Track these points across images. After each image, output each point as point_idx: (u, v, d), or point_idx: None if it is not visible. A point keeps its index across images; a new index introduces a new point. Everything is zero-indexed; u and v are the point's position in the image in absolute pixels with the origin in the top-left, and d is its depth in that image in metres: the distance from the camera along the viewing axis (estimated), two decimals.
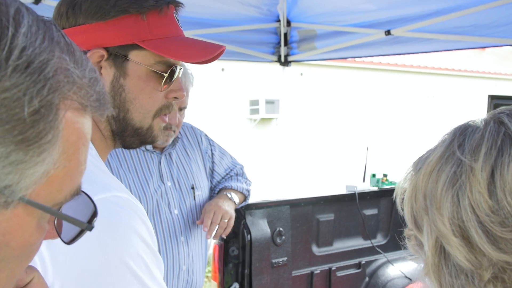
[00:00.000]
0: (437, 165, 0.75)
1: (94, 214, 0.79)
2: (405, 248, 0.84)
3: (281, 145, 10.50)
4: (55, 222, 0.76)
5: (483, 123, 0.77)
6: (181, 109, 2.65)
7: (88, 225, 0.76)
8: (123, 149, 2.60)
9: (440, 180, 0.73)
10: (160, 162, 2.67)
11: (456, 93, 13.03)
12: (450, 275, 0.72)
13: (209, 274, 4.25)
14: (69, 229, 0.78)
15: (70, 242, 0.78)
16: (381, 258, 3.59)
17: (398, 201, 0.82)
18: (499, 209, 0.68)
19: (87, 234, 1.07)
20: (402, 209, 0.83)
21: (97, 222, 1.13)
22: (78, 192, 0.73)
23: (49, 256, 1.08)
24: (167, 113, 1.39)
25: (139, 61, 1.30)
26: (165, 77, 1.33)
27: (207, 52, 1.39)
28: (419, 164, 0.79)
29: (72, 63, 0.65)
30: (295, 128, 10.68)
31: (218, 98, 9.62)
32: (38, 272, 0.80)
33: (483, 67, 14.45)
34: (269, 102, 10.39)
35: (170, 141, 2.67)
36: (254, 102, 10.41)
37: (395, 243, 3.73)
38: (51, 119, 0.60)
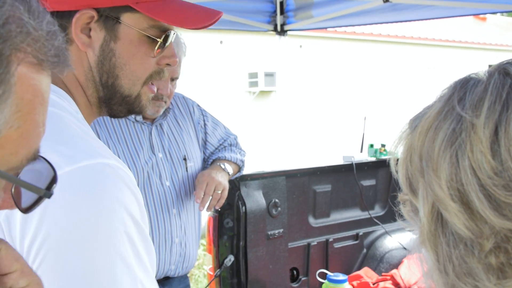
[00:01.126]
0: (434, 122, 0.67)
1: (54, 180, 0.73)
2: (400, 216, 0.76)
3: (279, 118, 10.43)
4: (12, 190, 0.70)
5: (486, 75, 0.68)
6: (173, 79, 2.58)
7: (47, 191, 0.70)
8: (113, 120, 2.54)
9: (438, 139, 0.66)
10: (151, 133, 2.60)
11: (456, 64, 12.92)
12: (448, 244, 0.65)
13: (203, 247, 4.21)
14: (27, 198, 0.72)
15: (26, 210, 0.72)
16: (379, 229, 3.54)
17: (392, 163, 0.75)
18: (503, 170, 0.60)
19: (67, 207, 1.00)
20: (397, 172, 0.75)
21: (78, 192, 1.06)
22: (36, 156, 0.67)
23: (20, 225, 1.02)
24: (157, 79, 1.32)
25: (132, 24, 1.23)
26: (159, 42, 1.26)
27: (204, 18, 1.32)
28: (415, 122, 0.72)
29: (27, 13, 0.59)
30: (294, 101, 10.60)
31: (216, 71, 9.53)
32: (6, 243, 0.74)
33: (484, 38, 14.33)
34: (268, 75, 10.29)
35: (161, 112, 2.60)
36: (253, 75, 10.31)
37: (393, 214, 3.66)
38: (0, 72, 0.54)
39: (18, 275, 0.71)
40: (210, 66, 9.29)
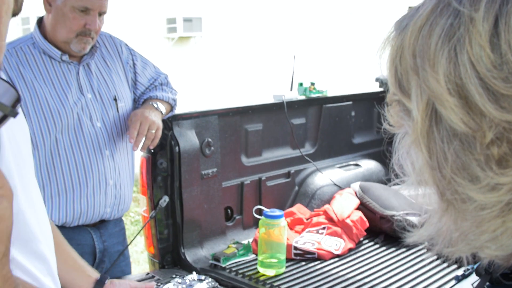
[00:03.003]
0: (428, 19, 0.65)
1: (18, 99, 0.69)
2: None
3: (205, 62, 10.31)
4: None
5: None
6: (101, 14, 2.48)
7: (12, 109, 0.66)
8: (37, 60, 2.43)
9: (434, 35, 0.64)
10: (78, 73, 2.51)
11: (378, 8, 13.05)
12: (442, 140, 0.64)
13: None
14: None
15: None
16: (310, 166, 3.57)
17: (381, 62, 0.73)
18: (502, 63, 0.60)
19: None
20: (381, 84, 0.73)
21: None
22: None
23: None
24: None
25: None
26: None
27: None
28: (403, 22, 0.69)
29: None
30: (218, 45, 10.49)
31: (133, 16, 9.27)
32: None
33: None
34: (187, 20, 10.10)
35: (88, 49, 2.50)
36: (171, 20, 10.09)
37: (323, 152, 3.72)
38: None
39: None
40: (126, 11, 9.01)
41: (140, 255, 5.56)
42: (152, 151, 2.83)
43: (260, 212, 2.93)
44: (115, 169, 2.57)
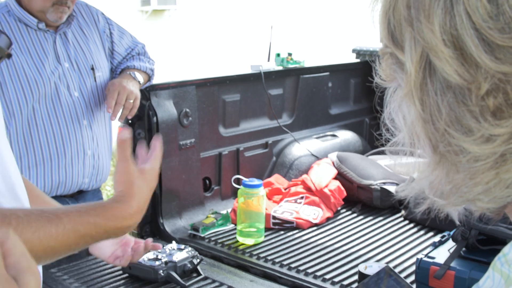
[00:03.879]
0: None
1: (10, 43, 0.70)
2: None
3: (180, 35, 10.22)
4: None
5: None
6: None
7: (7, 52, 0.68)
8: (13, 28, 2.39)
9: None
10: (55, 42, 2.47)
11: None
12: (436, 92, 0.64)
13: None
14: None
15: None
16: (288, 137, 3.58)
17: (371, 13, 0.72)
18: (498, 14, 0.60)
19: None
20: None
21: None
22: None
23: None
24: None
25: None
26: None
27: None
28: None
29: None
30: (193, 18, 10.40)
31: None
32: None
33: None
34: None
35: (64, 18, 2.46)
36: None
37: (300, 123, 3.73)
38: None
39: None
40: None
41: None
42: (130, 121, 2.81)
43: (238, 182, 2.94)
44: (93, 139, 2.56)
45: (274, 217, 2.92)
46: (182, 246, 2.45)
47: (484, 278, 0.73)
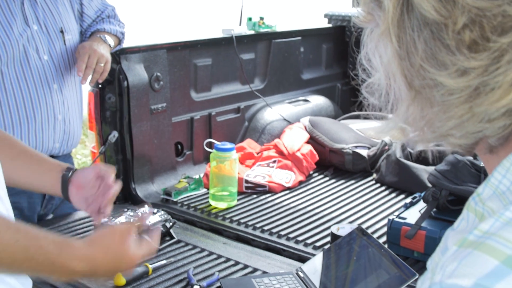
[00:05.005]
0: None
1: None
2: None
3: None
4: None
5: None
6: None
7: None
8: None
9: None
10: (23, 3, 2.42)
11: None
12: (413, 29, 0.65)
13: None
14: None
15: None
16: (260, 102, 3.57)
17: None
18: None
19: None
20: None
21: None
22: None
23: None
24: None
25: None
26: None
27: None
28: None
29: None
30: None
31: None
32: None
33: None
34: None
35: None
36: None
37: (272, 88, 3.72)
38: None
39: None
40: None
41: None
42: (100, 85, 2.78)
43: (211, 146, 2.93)
44: (64, 104, 2.52)
45: (246, 181, 2.93)
46: (155, 210, 2.44)
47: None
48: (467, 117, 0.64)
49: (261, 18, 3.59)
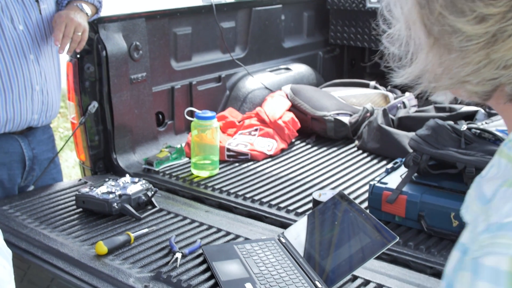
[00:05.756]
0: None
1: None
2: None
3: None
4: None
5: None
6: None
7: None
8: None
9: None
10: None
11: None
12: None
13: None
14: None
15: None
16: (241, 70, 3.55)
17: None
18: None
19: None
20: None
21: None
22: None
23: None
24: None
25: None
26: None
27: None
28: None
29: None
30: None
31: None
32: None
33: None
34: None
35: None
36: None
37: (253, 56, 3.69)
38: None
39: None
40: None
41: (71, 170, 5.50)
42: (78, 55, 2.74)
43: (192, 114, 2.91)
44: (41, 74, 2.48)
45: (228, 150, 2.92)
46: (136, 179, 2.43)
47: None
48: (484, 63, 0.66)
49: None
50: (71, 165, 5.57)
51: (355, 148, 3.10)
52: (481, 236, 0.66)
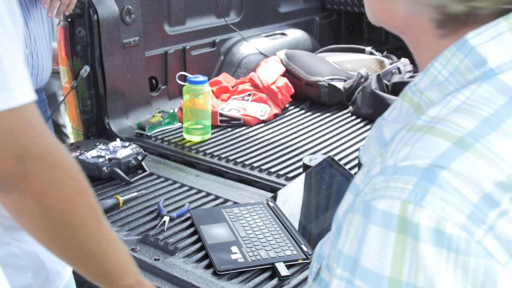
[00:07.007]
0: None
1: None
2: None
3: None
4: None
5: None
6: None
7: None
8: None
9: None
10: None
11: None
12: None
13: None
14: None
15: None
16: (236, 35, 3.52)
17: None
18: None
19: None
20: None
21: None
22: None
23: None
24: None
25: None
26: None
27: None
28: None
29: None
30: None
31: None
32: None
33: None
34: None
35: None
36: None
37: (248, 21, 3.66)
38: None
39: None
40: None
41: (70, 136, 5.47)
42: (69, 19, 2.71)
43: (184, 79, 2.89)
44: (30, 38, 2.46)
45: (221, 115, 2.91)
46: (126, 144, 2.43)
47: (389, 110, 0.74)
48: None
49: None
50: (69, 132, 5.56)
51: (349, 114, 3.08)
52: (375, 178, 0.65)
